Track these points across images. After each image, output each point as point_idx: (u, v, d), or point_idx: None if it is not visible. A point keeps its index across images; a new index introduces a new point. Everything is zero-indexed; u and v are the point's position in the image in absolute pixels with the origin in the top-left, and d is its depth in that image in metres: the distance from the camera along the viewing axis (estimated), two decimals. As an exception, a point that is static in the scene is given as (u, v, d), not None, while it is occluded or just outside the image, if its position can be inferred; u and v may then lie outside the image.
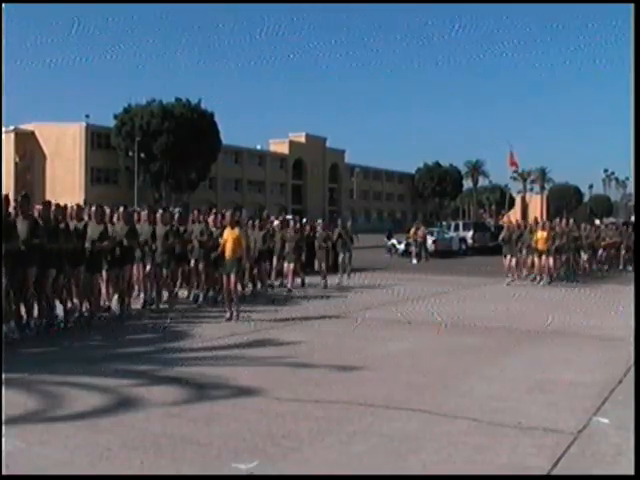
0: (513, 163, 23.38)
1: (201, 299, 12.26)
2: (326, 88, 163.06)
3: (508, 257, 17.74)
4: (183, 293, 12.62)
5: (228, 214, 11.11)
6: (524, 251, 18.08)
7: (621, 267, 22.97)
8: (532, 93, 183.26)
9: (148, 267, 11.14)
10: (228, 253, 10.40)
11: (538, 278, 17.37)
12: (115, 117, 59.17)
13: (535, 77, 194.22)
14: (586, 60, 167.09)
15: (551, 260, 17.46)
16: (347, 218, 27.79)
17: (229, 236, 10.50)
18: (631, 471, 3.98)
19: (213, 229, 12.31)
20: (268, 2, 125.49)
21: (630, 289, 14.44)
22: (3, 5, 10.21)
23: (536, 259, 17.61)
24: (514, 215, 79.44)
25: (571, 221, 21.43)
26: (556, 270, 18.13)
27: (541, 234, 17.45)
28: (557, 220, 20.20)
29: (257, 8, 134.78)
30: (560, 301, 13.80)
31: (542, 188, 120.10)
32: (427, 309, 12.12)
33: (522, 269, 18.33)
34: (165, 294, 11.54)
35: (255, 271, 13.81)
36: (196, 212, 13.51)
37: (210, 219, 12.76)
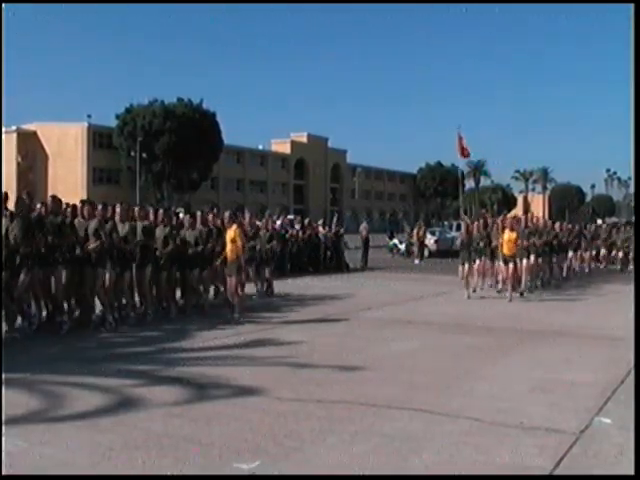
0: (462, 150, 19.33)
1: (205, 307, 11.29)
2: (328, 88, 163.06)
3: (465, 264, 14.19)
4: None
5: (227, 214, 10.96)
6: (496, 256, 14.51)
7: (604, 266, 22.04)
8: (534, 92, 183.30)
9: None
10: (229, 255, 10.36)
11: (508, 295, 13.46)
12: (117, 117, 59.25)
13: (537, 76, 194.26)
14: (588, 59, 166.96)
15: (520, 266, 14.06)
16: (361, 219, 27.66)
17: (227, 237, 10.47)
18: (633, 471, 3.98)
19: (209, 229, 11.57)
20: (269, 2, 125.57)
21: (630, 289, 14.41)
22: (3, 5, 10.24)
23: (502, 266, 14.00)
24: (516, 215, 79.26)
25: (547, 220, 19.29)
26: (529, 277, 14.81)
27: (509, 235, 13.67)
28: (526, 217, 17.09)
29: (258, 8, 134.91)
30: (560, 301, 13.79)
31: (544, 188, 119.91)
32: (428, 309, 12.11)
33: (486, 278, 15.17)
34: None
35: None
36: (188, 214, 12.44)
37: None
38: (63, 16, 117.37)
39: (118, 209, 10.07)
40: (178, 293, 11.28)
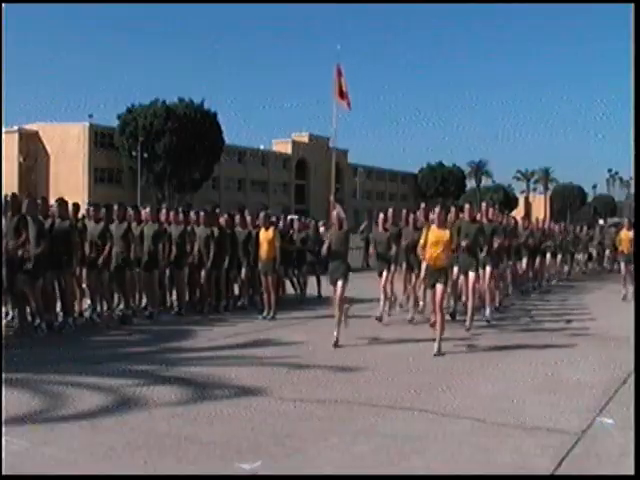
0: (342, 96, 13.55)
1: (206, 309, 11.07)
2: (329, 88, 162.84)
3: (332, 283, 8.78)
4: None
5: (262, 215, 11.08)
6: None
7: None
8: (535, 92, 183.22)
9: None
10: (263, 254, 10.59)
11: (436, 333, 8.00)
12: (118, 117, 59.31)
13: (538, 76, 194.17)
14: (589, 59, 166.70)
15: (472, 279, 9.93)
16: (361, 219, 27.51)
17: (264, 237, 10.63)
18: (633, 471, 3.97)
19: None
20: (270, 2, 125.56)
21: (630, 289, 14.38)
22: (3, 5, 10.25)
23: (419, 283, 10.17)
24: (517, 215, 79.11)
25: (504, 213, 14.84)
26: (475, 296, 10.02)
27: (436, 235, 8.30)
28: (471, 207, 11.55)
29: (260, 8, 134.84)
30: (560, 302, 13.78)
31: (546, 188, 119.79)
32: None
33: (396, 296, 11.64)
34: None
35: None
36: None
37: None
38: (64, 16, 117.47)
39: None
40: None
